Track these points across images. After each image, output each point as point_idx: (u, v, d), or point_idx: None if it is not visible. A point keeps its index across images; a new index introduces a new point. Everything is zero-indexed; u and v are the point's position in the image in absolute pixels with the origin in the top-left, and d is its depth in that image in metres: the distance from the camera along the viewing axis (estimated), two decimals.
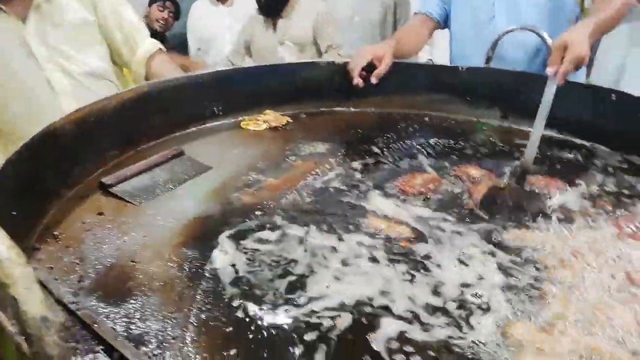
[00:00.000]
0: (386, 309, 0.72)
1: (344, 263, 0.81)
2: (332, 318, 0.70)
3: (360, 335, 0.67)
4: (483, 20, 1.61)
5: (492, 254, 0.83)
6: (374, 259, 0.82)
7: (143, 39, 1.49)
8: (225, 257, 0.82)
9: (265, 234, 0.89)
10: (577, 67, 1.15)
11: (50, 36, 1.34)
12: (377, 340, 0.66)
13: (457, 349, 0.65)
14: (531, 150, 1.12)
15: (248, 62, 2.68)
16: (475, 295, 0.74)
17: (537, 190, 1.05)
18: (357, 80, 1.43)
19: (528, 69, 1.52)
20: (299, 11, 2.56)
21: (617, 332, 0.66)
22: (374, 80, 1.42)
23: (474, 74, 1.43)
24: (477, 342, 0.65)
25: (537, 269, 0.79)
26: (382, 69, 1.42)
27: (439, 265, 0.81)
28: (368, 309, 0.72)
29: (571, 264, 0.78)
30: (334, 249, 0.85)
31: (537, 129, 1.12)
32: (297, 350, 0.65)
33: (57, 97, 1.39)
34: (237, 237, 0.88)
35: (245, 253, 0.84)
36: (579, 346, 0.63)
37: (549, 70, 1.14)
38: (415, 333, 0.67)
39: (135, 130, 1.20)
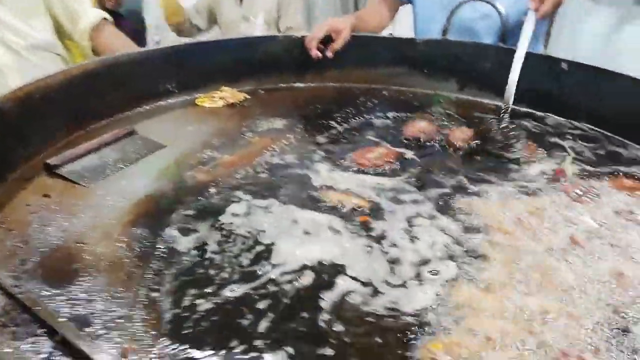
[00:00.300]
0: (341, 273, 0.73)
1: (305, 234, 0.82)
2: (292, 281, 0.71)
3: (312, 297, 0.68)
4: None
5: (443, 222, 0.85)
6: (333, 232, 0.82)
7: (85, 9, 1.43)
8: (185, 237, 0.81)
9: (233, 209, 0.88)
10: (554, 8, 1.23)
11: None
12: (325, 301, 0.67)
13: (401, 315, 0.66)
14: (510, 88, 1.14)
15: (216, 32, 2.60)
16: (425, 263, 0.75)
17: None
18: (315, 53, 1.41)
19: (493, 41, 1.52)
20: None
21: (559, 291, 0.68)
22: (329, 54, 1.40)
23: (431, 46, 1.43)
24: (421, 307, 0.66)
25: (485, 234, 0.81)
26: (338, 43, 1.40)
27: (392, 235, 0.81)
28: (325, 275, 0.73)
29: (518, 228, 0.80)
30: (294, 222, 0.84)
31: (516, 67, 1.14)
32: (247, 322, 0.65)
33: (3, 75, 1.32)
34: (203, 216, 0.86)
35: (221, 230, 0.83)
36: (522, 306, 0.65)
37: (532, 5, 1.21)
38: (362, 297, 0.68)
39: (84, 109, 1.16)
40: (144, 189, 0.94)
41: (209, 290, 0.70)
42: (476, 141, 1.13)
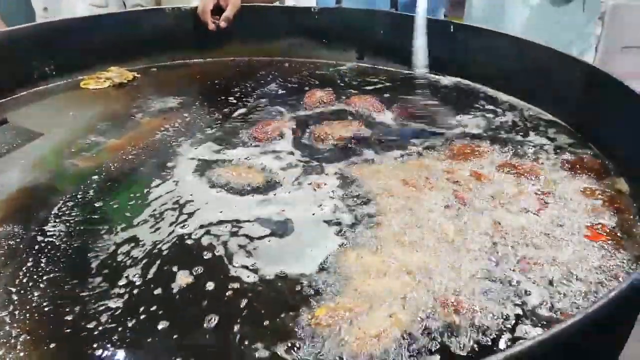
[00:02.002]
0: (225, 244, 0.71)
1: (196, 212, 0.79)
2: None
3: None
4: None
5: (332, 187, 0.85)
6: (227, 208, 0.80)
7: None
8: (66, 230, 0.75)
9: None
10: None
11: None
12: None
13: (287, 284, 0.65)
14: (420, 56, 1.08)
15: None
16: (314, 230, 0.75)
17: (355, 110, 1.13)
18: (212, 26, 1.35)
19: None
20: None
21: (441, 245, 0.70)
22: (223, 24, 1.34)
23: (327, 14, 1.42)
24: (308, 275, 0.66)
25: (372, 196, 0.82)
26: (229, 11, 1.34)
27: (285, 204, 0.81)
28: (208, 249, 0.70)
29: (403, 188, 0.82)
30: (188, 201, 0.81)
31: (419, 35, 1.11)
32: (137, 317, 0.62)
33: None
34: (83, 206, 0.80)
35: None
36: (406, 263, 0.66)
37: None
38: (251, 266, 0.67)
39: None
40: (17, 183, 0.86)
41: (85, 287, 0.65)
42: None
